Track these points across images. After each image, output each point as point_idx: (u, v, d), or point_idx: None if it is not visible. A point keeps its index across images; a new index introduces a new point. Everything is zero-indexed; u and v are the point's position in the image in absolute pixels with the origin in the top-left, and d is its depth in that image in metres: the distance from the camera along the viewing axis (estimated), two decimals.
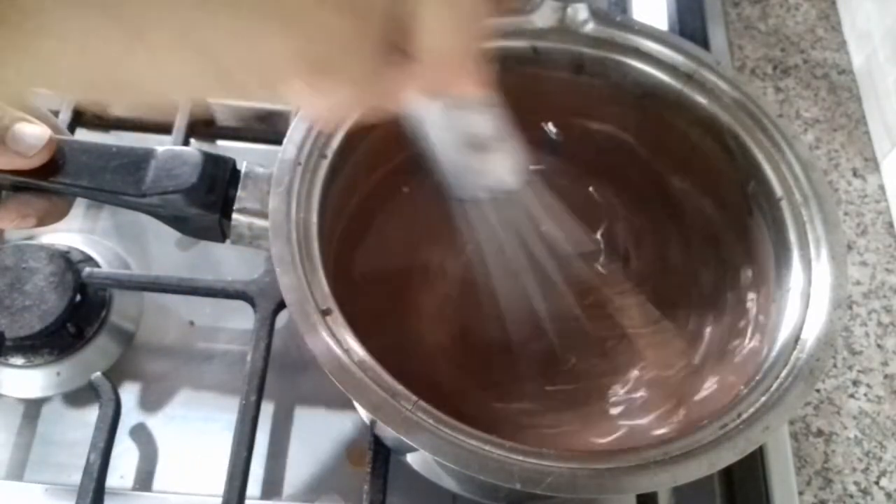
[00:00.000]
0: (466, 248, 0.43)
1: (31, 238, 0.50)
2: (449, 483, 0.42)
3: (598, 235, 0.45)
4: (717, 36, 0.62)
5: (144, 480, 0.43)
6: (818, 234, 0.37)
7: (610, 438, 0.38)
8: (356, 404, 0.31)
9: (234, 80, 0.23)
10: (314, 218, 0.36)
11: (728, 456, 0.31)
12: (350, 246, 0.41)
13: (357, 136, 0.39)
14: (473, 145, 0.30)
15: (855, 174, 0.59)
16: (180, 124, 0.51)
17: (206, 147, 0.46)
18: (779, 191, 0.39)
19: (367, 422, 0.44)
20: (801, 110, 0.62)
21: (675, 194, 0.45)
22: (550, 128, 0.45)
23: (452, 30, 0.24)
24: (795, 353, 0.34)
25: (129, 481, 0.43)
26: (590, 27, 0.42)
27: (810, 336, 0.35)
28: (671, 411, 0.39)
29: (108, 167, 0.37)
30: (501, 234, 0.35)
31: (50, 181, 0.36)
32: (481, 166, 0.31)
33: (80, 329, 0.46)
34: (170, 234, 0.41)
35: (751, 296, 0.41)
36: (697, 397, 0.39)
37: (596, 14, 0.42)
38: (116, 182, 0.37)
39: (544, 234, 0.36)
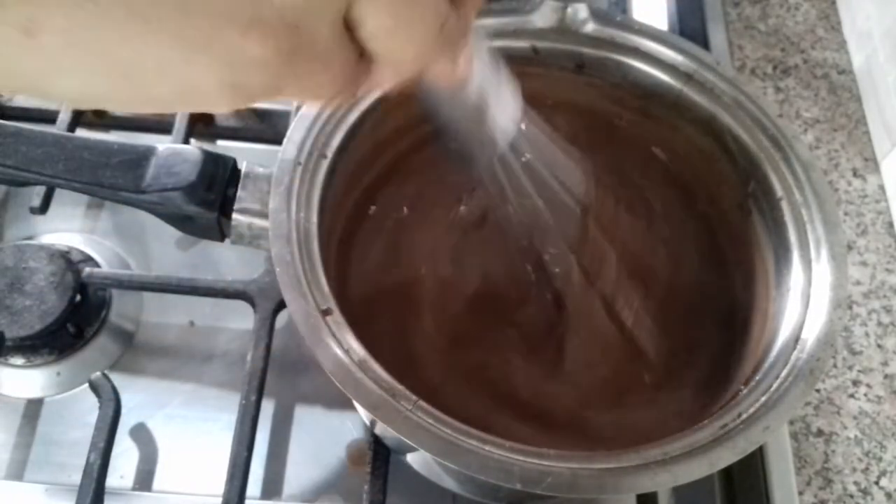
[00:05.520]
0: (468, 241, 0.43)
1: (31, 238, 0.50)
2: (449, 483, 0.42)
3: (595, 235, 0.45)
4: (717, 36, 0.62)
5: (144, 480, 0.43)
6: (818, 234, 0.37)
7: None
8: (356, 404, 0.31)
9: (154, 97, 0.22)
10: (314, 218, 0.36)
11: (728, 456, 0.31)
12: (349, 245, 0.41)
13: (356, 135, 0.39)
14: (475, 108, 0.30)
15: (855, 174, 0.59)
16: (180, 124, 0.51)
17: (207, 146, 0.46)
18: (779, 191, 0.39)
19: (367, 422, 0.44)
20: (801, 110, 0.62)
21: (675, 194, 0.45)
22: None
23: (398, 36, 0.23)
24: (795, 353, 0.34)
25: (129, 481, 0.43)
26: (590, 27, 0.42)
27: (810, 336, 0.35)
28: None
29: (109, 164, 0.37)
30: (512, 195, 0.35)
31: (49, 176, 0.36)
32: (488, 123, 0.31)
33: (80, 329, 0.46)
34: (170, 234, 0.41)
35: (750, 296, 0.41)
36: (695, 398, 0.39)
37: (596, 14, 0.42)
38: (116, 178, 0.37)
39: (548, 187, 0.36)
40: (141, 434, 0.45)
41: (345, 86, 0.23)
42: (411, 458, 0.42)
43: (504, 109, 0.32)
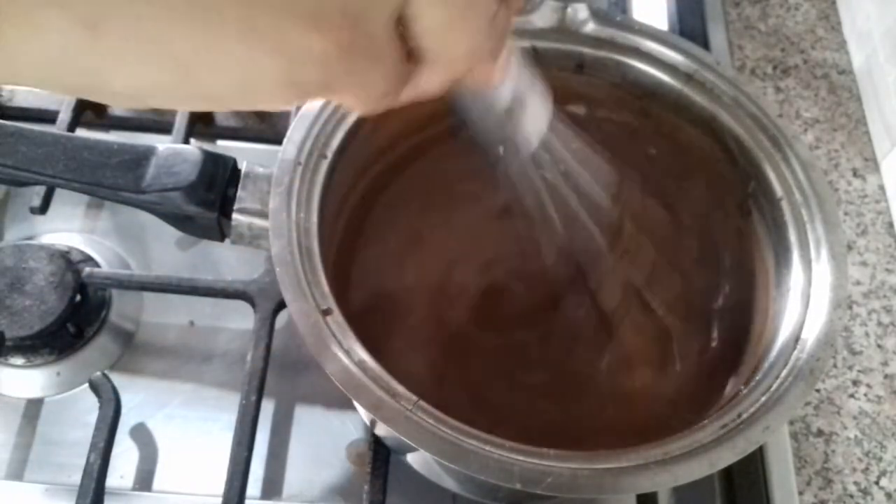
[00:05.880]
0: (467, 242, 0.43)
1: (31, 238, 0.50)
2: (449, 483, 0.42)
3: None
4: (717, 36, 0.62)
5: (144, 480, 0.43)
6: (818, 234, 0.37)
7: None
8: (356, 404, 0.31)
9: (217, 100, 0.22)
10: (314, 218, 0.36)
11: (728, 456, 0.31)
12: (350, 245, 0.41)
13: (356, 136, 0.39)
14: (507, 111, 0.30)
15: (855, 174, 0.59)
16: (180, 124, 0.51)
17: (207, 146, 0.46)
18: (779, 191, 0.39)
19: (367, 422, 0.44)
20: (801, 110, 0.62)
21: (675, 194, 0.45)
22: None
23: (453, 30, 0.23)
24: (795, 353, 0.34)
25: (129, 481, 0.43)
26: (590, 27, 0.42)
27: (810, 336, 0.35)
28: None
29: (109, 163, 0.37)
30: (541, 189, 0.35)
31: (49, 176, 0.36)
32: (518, 126, 0.31)
33: (80, 329, 0.46)
34: (170, 234, 0.41)
35: (750, 296, 0.41)
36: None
37: (596, 14, 0.42)
38: (117, 178, 0.37)
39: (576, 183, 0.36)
40: (141, 434, 0.45)
41: (393, 85, 0.23)
42: (411, 458, 0.42)
43: (533, 114, 0.32)
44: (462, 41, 0.23)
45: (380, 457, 0.42)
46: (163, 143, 0.39)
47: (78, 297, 0.45)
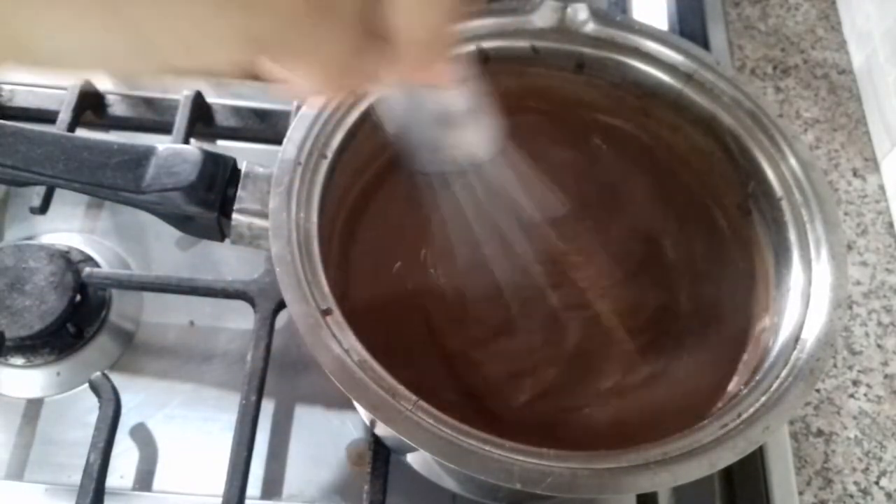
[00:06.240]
0: (462, 240, 0.43)
1: (31, 238, 0.50)
2: (449, 483, 0.42)
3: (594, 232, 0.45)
4: (717, 36, 0.62)
5: (144, 480, 0.43)
6: (818, 234, 0.37)
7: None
8: (356, 404, 0.31)
9: (159, 56, 0.20)
10: (314, 218, 0.36)
11: (728, 456, 0.31)
12: (350, 245, 0.41)
13: (356, 136, 0.39)
14: (444, 122, 0.30)
15: (855, 174, 0.59)
16: (180, 124, 0.51)
17: (207, 146, 0.46)
18: (779, 191, 0.39)
19: (367, 422, 0.44)
20: (801, 110, 0.62)
21: (675, 194, 0.45)
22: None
23: (425, 7, 0.22)
24: (795, 353, 0.34)
25: (129, 481, 0.43)
26: (590, 27, 0.42)
27: (810, 336, 0.35)
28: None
29: (109, 164, 0.37)
30: (478, 206, 0.35)
31: (49, 176, 0.36)
32: (452, 141, 0.31)
33: (80, 329, 0.46)
34: (170, 234, 0.41)
35: (750, 296, 0.40)
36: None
37: (596, 14, 0.42)
38: (116, 178, 0.37)
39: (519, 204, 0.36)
40: (141, 434, 0.45)
41: (352, 61, 0.23)
42: (411, 458, 0.43)
43: (477, 132, 0.31)
44: (429, 18, 0.23)
45: (380, 457, 0.42)
46: (163, 143, 0.39)
47: (78, 297, 0.45)
